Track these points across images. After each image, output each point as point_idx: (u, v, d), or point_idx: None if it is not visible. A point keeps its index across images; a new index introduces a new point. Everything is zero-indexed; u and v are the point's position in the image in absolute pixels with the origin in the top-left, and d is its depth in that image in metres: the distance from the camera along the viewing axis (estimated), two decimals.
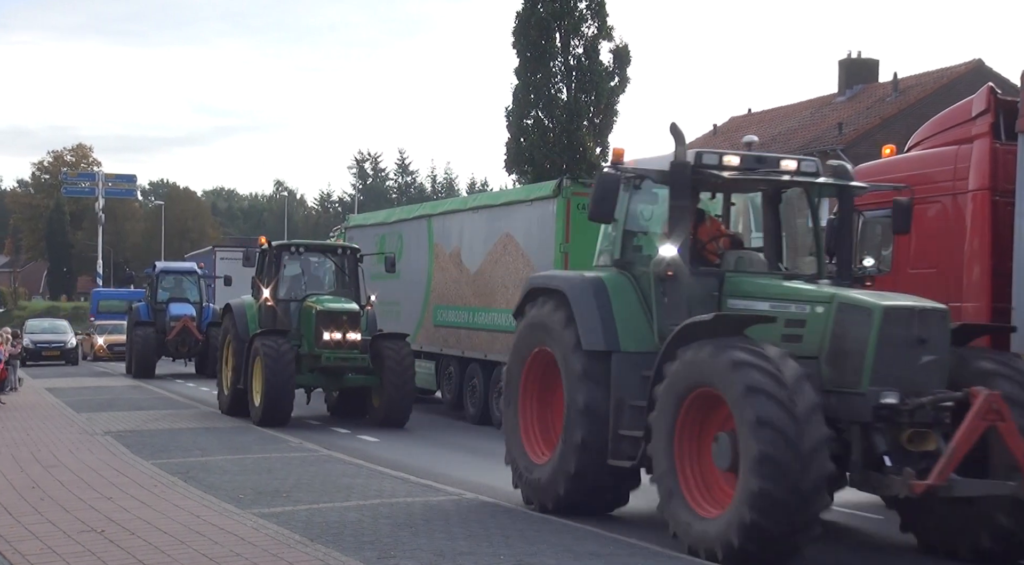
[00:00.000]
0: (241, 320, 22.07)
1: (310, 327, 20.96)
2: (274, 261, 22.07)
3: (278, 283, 21.92)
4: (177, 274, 37.15)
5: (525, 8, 37.04)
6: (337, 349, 20.70)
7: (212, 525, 10.67)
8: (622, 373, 11.32)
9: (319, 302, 21.21)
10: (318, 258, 22.96)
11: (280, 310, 21.62)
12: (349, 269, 22.58)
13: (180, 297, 36.13)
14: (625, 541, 10.48)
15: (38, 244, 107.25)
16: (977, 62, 40.06)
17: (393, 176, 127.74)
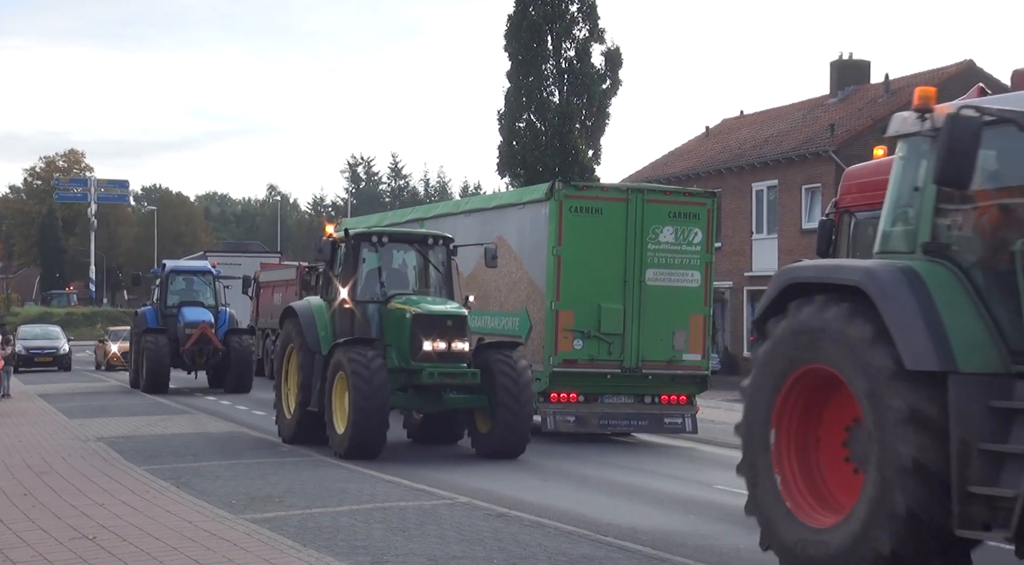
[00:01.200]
0: (309, 327, 17.88)
1: (402, 335, 16.98)
2: (351, 254, 17.88)
3: (356, 281, 17.87)
4: (189, 274, 32.74)
5: (517, 11, 37.08)
6: (440, 362, 16.77)
7: (205, 531, 10.63)
8: (963, 403, 7.91)
9: (413, 304, 17.31)
10: (402, 250, 18.79)
11: (358, 314, 17.73)
12: (441, 263, 18.50)
13: (193, 301, 31.77)
14: (619, 544, 10.47)
15: (30, 250, 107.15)
16: (968, 63, 40.15)
17: (386, 180, 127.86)
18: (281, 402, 18.72)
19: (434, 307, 17.27)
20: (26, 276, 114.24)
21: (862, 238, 14.11)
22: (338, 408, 16.81)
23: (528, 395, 17.09)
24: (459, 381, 17.00)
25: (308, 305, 18.50)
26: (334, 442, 16.74)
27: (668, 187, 24.11)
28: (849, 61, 44.29)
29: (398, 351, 17.01)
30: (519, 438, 17.10)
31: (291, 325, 18.47)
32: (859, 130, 37.50)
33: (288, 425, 18.39)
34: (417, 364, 16.73)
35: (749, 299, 41.21)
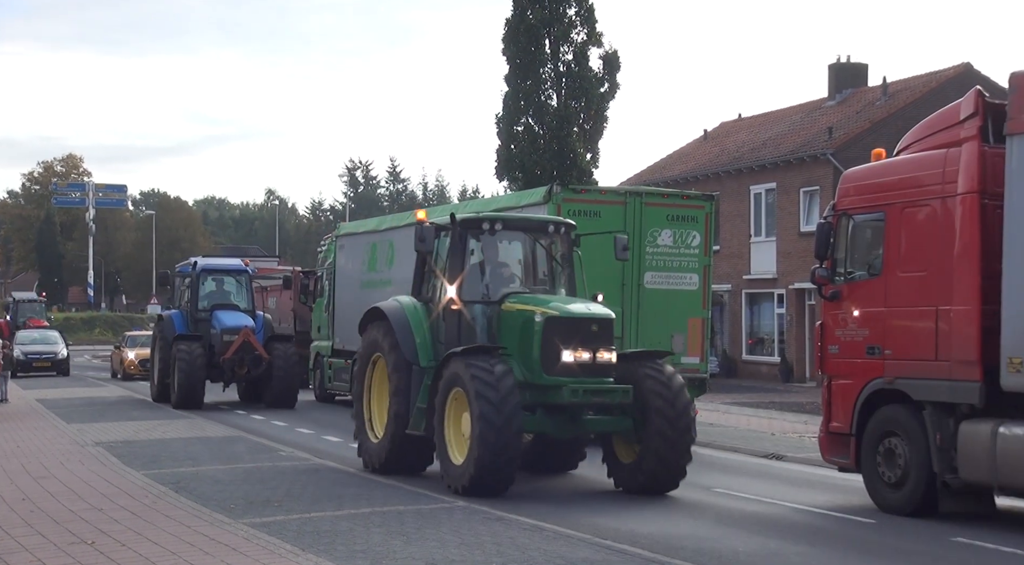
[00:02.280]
0: (404, 333, 14.90)
1: (529, 343, 14.01)
2: (458, 244, 14.85)
3: (464, 277, 14.93)
4: (222, 274, 29.02)
5: (515, 15, 37.05)
6: (583, 377, 13.83)
7: (203, 535, 10.62)
8: None
9: (541, 303, 14.35)
10: (515, 239, 15.71)
11: (467, 317, 14.85)
12: (563, 255, 15.54)
13: (227, 303, 28.28)
14: (618, 548, 10.47)
15: (28, 255, 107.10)
16: (966, 65, 40.18)
17: (384, 184, 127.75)
18: (364, 425, 15.79)
19: (574, 308, 14.32)
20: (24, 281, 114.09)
21: (860, 239, 14.14)
22: (453, 433, 13.91)
23: (688, 419, 14.04)
24: (608, 400, 13.98)
25: (399, 306, 15.38)
26: (450, 474, 13.79)
27: (666, 190, 24.14)
28: (847, 64, 44.33)
29: (524, 363, 14.00)
30: (674, 471, 14.10)
31: (378, 331, 15.44)
32: (857, 133, 37.54)
33: (377, 452, 15.37)
34: (553, 379, 13.78)
35: (748, 302, 41.23)
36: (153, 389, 28.39)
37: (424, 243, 14.86)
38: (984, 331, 12.27)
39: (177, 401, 26.13)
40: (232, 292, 28.73)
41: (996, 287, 12.20)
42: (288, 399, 26.97)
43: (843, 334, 14.03)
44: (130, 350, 39.99)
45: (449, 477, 13.80)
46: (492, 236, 15.08)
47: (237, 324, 26.94)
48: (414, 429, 14.61)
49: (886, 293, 13.48)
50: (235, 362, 26.67)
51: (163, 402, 27.05)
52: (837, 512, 13.34)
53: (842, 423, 13.82)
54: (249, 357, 26.64)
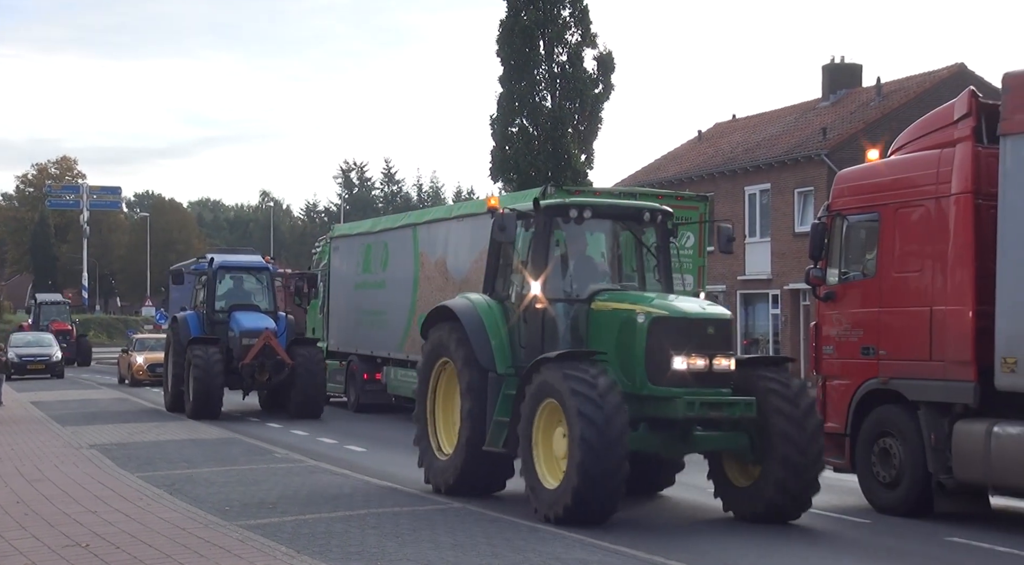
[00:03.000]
0: (478, 334, 13.15)
1: (632, 348, 12.17)
2: (542, 234, 12.98)
3: (550, 272, 13.10)
4: (241, 271, 26.85)
5: (509, 16, 37.07)
6: (698, 388, 11.94)
7: (198, 538, 10.61)
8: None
9: (644, 302, 12.50)
10: (603, 228, 13.68)
11: (552, 317, 13.02)
12: (658, 247, 13.65)
13: (247, 303, 26.16)
14: (613, 549, 10.47)
15: (23, 257, 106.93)
16: (959, 66, 40.25)
17: (379, 185, 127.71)
18: (429, 438, 14.12)
19: (686, 307, 12.59)
20: (18, 283, 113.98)
21: (855, 241, 14.16)
22: (543, 451, 12.13)
23: (820, 446, 12.18)
24: (729, 415, 12.02)
25: (470, 305, 13.60)
26: (541, 500, 11.95)
27: (660, 191, 24.17)
28: (841, 65, 44.39)
29: (624, 370, 12.16)
30: (799, 502, 12.26)
31: (447, 333, 13.70)
32: (851, 133, 37.57)
33: (445, 470, 13.64)
34: (661, 390, 11.95)
35: (742, 303, 41.26)
36: (167, 397, 26.13)
37: (504, 232, 12.97)
38: (978, 331, 12.29)
39: (192, 410, 24.04)
40: (252, 291, 26.52)
41: (990, 287, 12.21)
42: (314, 408, 24.78)
43: (838, 334, 14.04)
44: (139, 354, 37.52)
45: (540, 502, 11.97)
46: (578, 225, 13.12)
47: (257, 326, 24.69)
48: (492, 445, 12.78)
49: (880, 293, 13.50)
50: (255, 368, 24.31)
51: (178, 411, 24.91)
52: (832, 512, 13.34)
53: (837, 423, 13.82)
54: (271, 362, 24.30)
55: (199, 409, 23.92)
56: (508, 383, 12.92)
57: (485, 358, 13.12)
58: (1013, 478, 11.98)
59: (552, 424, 12.00)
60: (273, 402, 26.27)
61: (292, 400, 24.79)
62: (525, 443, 12.21)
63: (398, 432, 21.07)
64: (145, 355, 37.16)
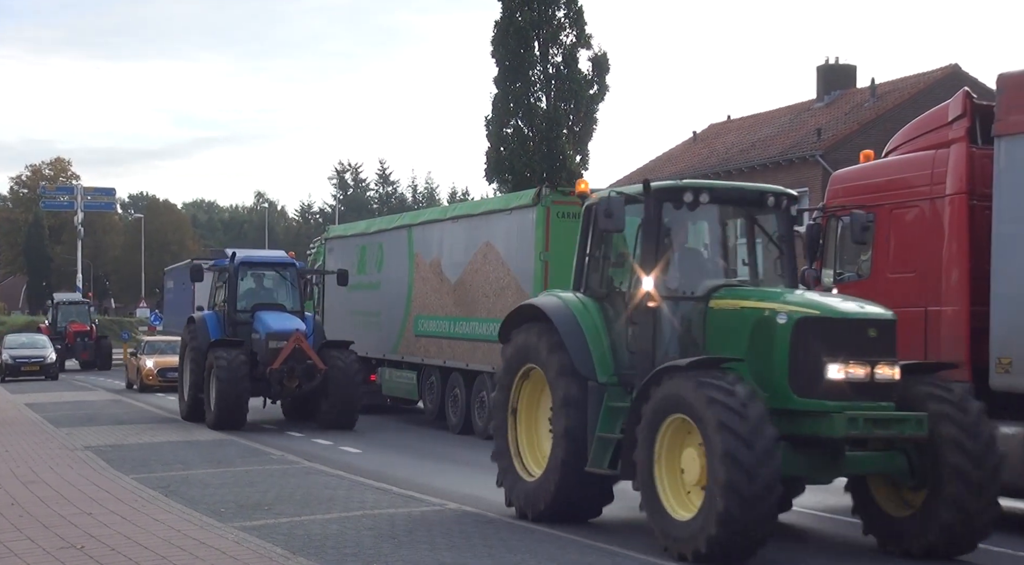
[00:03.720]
0: (575, 338, 11.57)
1: (772, 353, 10.45)
2: (653, 221, 11.30)
3: (668, 265, 11.48)
4: (265, 268, 24.71)
5: (503, 17, 37.10)
6: (856, 401, 10.22)
7: (193, 539, 10.60)
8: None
9: (782, 299, 10.76)
10: (716, 214, 11.96)
11: (669, 317, 11.37)
12: (781, 236, 11.85)
13: (271, 303, 24.10)
14: (607, 549, 10.48)
15: (16, 258, 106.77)
16: (954, 67, 40.34)
17: (374, 186, 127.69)
18: (511, 456, 12.46)
19: (841, 305, 10.85)
20: (12, 285, 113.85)
21: (849, 242, 14.17)
22: (668, 476, 10.41)
23: (997, 457, 10.44)
24: (898, 433, 10.30)
25: (562, 303, 11.90)
26: (671, 535, 10.25)
27: None
28: (835, 66, 44.47)
29: (761, 380, 10.36)
30: (978, 526, 10.48)
31: (535, 336, 12.01)
32: (846, 134, 37.65)
33: (535, 494, 11.94)
34: (811, 403, 10.22)
35: None
36: (182, 405, 24.15)
37: (612, 219, 11.07)
38: (973, 332, 12.32)
39: (215, 419, 21.96)
40: (276, 289, 24.39)
41: (985, 288, 12.24)
42: (348, 418, 22.57)
43: None
44: (148, 358, 35.03)
45: (670, 538, 10.23)
46: (692, 211, 11.37)
47: (286, 328, 22.50)
48: (596, 466, 11.19)
49: (875, 294, 13.48)
50: (284, 373, 22.07)
51: (196, 420, 23.03)
52: (828, 513, 13.35)
53: None
54: (300, 367, 22.08)
55: (223, 418, 21.81)
56: (611, 394, 11.35)
57: (584, 364, 11.47)
58: (1009, 478, 11.99)
59: (679, 443, 10.30)
60: (299, 411, 23.95)
61: (323, 409, 22.63)
62: (645, 467, 10.37)
63: (393, 433, 21.10)
64: (155, 359, 34.86)
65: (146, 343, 37.17)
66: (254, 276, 24.39)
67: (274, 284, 24.50)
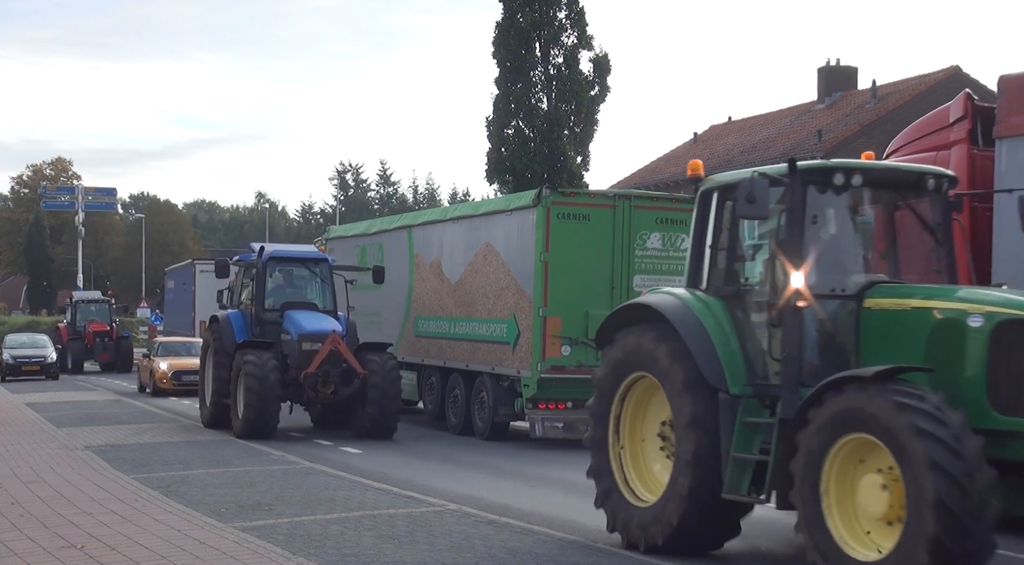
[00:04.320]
0: (700, 342, 10.10)
1: (965, 362, 8.90)
2: (799, 208, 9.77)
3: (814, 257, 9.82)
4: (295, 263, 22.77)
5: (505, 18, 37.12)
6: None
7: (194, 539, 10.60)
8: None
9: (972, 298, 9.20)
10: (868, 199, 10.43)
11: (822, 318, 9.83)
12: (938, 224, 10.33)
13: (303, 301, 22.34)
14: (610, 550, 10.47)
15: (17, 259, 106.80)
16: (954, 69, 40.36)
17: (375, 187, 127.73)
18: (614, 474, 10.97)
19: None
20: (13, 285, 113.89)
21: None
22: (838, 506, 8.72)
23: None
24: None
25: (680, 303, 10.43)
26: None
27: (655, 193, 24.20)
28: (836, 67, 44.50)
29: (950, 393, 8.64)
30: None
31: (651, 340, 10.52)
32: (846, 136, 37.64)
33: (649, 524, 10.38)
34: (1018, 422, 8.66)
35: None
36: (204, 411, 22.47)
37: (755, 204, 9.53)
38: None
39: (243, 428, 20.18)
40: (307, 287, 22.59)
41: None
42: (388, 426, 20.75)
43: None
44: (162, 360, 32.95)
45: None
46: (837, 195, 9.94)
47: (320, 328, 20.78)
48: (733, 491, 9.71)
49: None
50: (318, 378, 20.34)
51: (220, 428, 21.38)
52: None
53: None
54: (336, 371, 20.36)
55: (252, 427, 20.08)
56: (746, 407, 9.89)
57: (715, 375, 9.98)
58: None
59: (852, 467, 8.67)
60: (330, 418, 22.28)
61: (361, 417, 20.78)
62: (810, 494, 8.79)
63: None
64: (169, 361, 32.78)
65: (160, 344, 35.04)
66: (283, 272, 22.50)
67: (304, 281, 22.69)
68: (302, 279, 22.70)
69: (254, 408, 20.00)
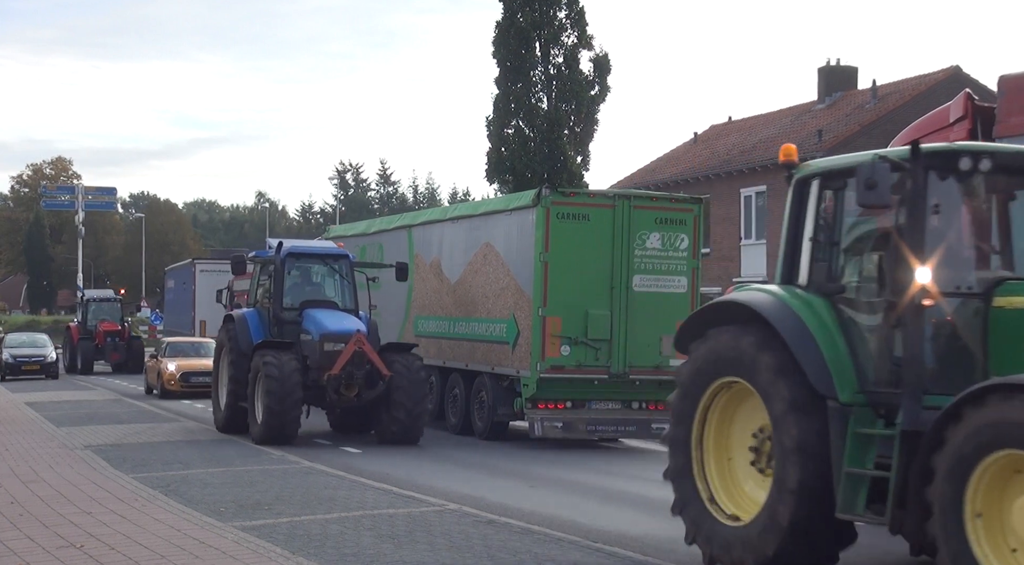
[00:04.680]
0: (806, 346, 9.03)
1: None
2: (921, 196, 8.77)
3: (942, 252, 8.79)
4: (315, 260, 21.56)
5: (505, 18, 37.15)
6: None
7: (193, 539, 10.60)
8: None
9: None
10: (992, 187, 9.28)
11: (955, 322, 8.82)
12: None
13: (323, 299, 21.08)
14: (609, 550, 10.47)
15: (17, 258, 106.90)
16: (955, 69, 40.35)
17: (375, 186, 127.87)
18: (696, 483, 9.87)
19: None
20: (13, 284, 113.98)
21: None
22: (985, 529, 7.66)
23: None
24: None
25: (779, 301, 9.32)
26: None
27: (655, 193, 24.22)
28: (836, 67, 44.49)
29: None
30: None
31: (749, 344, 9.34)
32: (847, 135, 37.63)
33: (739, 547, 9.24)
34: None
35: None
36: (218, 415, 21.24)
37: (876, 191, 8.49)
38: None
39: (262, 433, 19.01)
40: (327, 285, 21.46)
41: None
42: (414, 432, 19.64)
43: None
44: (170, 361, 31.39)
45: None
46: (960, 181, 8.93)
47: (343, 328, 19.63)
48: (849, 511, 8.64)
49: None
50: (341, 380, 19.22)
51: (235, 433, 20.28)
52: None
53: None
54: (360, 373, 19.21)
55: (272, 432, 18.97)
56: (858, 417, 8.84)
57: (823, 382, 8.94)
58: None
59: (1001, 486, 7.66)
60: (350, 422, 21.28)
61: (387, 421, 19.64)
62: (954, 524, 7.73)
63: None
64: (178, 362, 31.24)
65: (167, 344, 33.38)
66: (302, 269, 21.30)
67: (324, 279, 21.51)
68: (322, 276, 21.55)
69: (274, 412, 18.88)
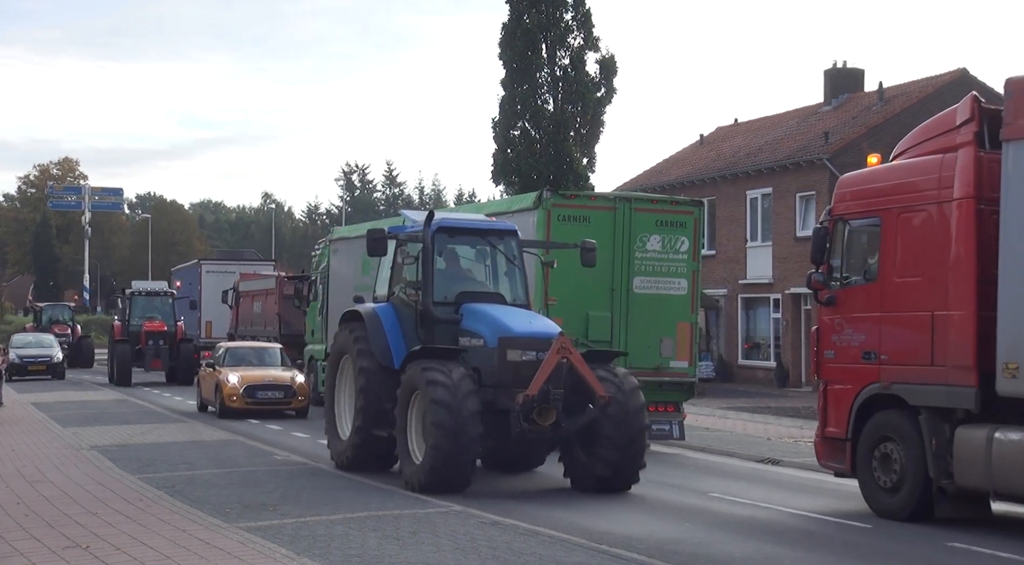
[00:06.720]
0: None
1: None
2: None
3: None
4: (473, 236, 16.20)
5: (511, 19, 37.10)
6: None
7: (198, 540, 10.61)
8: None
9: None
10: None
11: None
12: None
13: (486, 291, 15.91)
14: (614, 552, 10.47)
15: (24, 258, 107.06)
16: (961, 71, 40.24)
17: (381, 188, 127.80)
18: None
19: None
20: (20, 285, 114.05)
21: (856, 245, 14.16)
22: None
23: None
24: None
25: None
26: None
27: (655, 196, 24.18)
28: (843, 69, 44.40)
29: None
30: None
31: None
32: (853, 138, 37.57)
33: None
34: None
35: (743, 306, 41.23)
36: (338, 446, 16.18)
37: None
38: (980, 336, 12.28)
39: (426, 477, 13.89)
40: (489, 271, 16.23)
41: (992, 292, 12.21)
42: (628, 474, 14.81)
43: (839, 339, 14.03)
44: (231, 372, 25.33)
45: None
46: None
47: (535, 330, 14.63)
48: None
49: (882, 298, 13.49)
50: (533, 406, 13.91)
51: (367, 472, 15.39)
52: (833, 517, 13.34)
53: (838, 428, 13.82)
54: (559, 394, 14.05)
55: (439, 476, 13.84)
56: None
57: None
58: (1014, 484, 11.97)
59: None
60: (506, 457, 16.21)
61: (588, 463, 14.63)
62: None
63: None
64: (240, 372, 25.23)
65: (226, 350, 26.94)
66: (457, 250, 16.16)
67: (487, 264, 16.23)
68: (483, 260, 16.26)
69: (445, 452, 13.68)
